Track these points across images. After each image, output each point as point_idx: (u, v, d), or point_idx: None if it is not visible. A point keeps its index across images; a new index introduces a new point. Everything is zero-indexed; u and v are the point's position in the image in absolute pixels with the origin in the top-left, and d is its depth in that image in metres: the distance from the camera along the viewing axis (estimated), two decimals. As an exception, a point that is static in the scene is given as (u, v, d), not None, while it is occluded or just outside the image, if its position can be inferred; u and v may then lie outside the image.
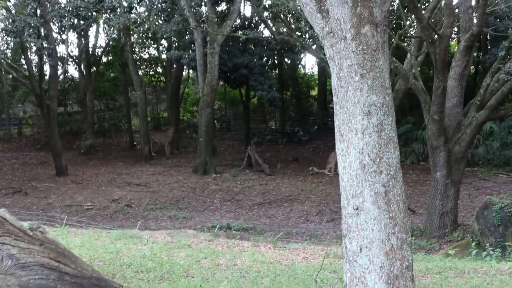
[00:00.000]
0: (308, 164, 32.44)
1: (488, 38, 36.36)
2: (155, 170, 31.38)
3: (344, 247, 6.21)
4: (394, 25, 31.20)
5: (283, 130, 40.57)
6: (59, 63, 34.01)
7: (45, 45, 28.57)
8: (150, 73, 45.73)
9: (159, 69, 45.56)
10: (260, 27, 33.87)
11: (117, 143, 42.06)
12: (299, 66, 45.80)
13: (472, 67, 40.75)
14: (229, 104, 46.20)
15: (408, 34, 22.92)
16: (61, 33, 33.64)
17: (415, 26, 22.97)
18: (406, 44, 23.77)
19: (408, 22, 22.98)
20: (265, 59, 34.44)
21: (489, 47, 36.18)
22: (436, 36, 16.70)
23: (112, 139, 43.02)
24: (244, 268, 10.25)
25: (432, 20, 19.08)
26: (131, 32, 34.76)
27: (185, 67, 37.13)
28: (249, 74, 30.85)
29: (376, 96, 6.05)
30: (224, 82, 36.19)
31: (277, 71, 42.00)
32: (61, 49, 36.52)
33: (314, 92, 46.27)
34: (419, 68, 21.72)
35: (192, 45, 30.92)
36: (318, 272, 8.21)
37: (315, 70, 45.98)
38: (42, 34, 30.05)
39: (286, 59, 41.31)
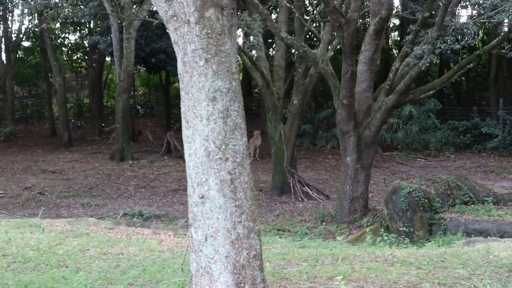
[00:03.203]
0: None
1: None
2: (73, 157, 30.89)
3: (191, 237, 6.06)
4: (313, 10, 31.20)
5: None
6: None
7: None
8: (73, 58, 44.99)
9: (83, 55, 44.83)
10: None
11: (39, 130, 41.40)
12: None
13: (395, 51, 41.19)
14: (153, 90, 45.74)
15: (319, 18, 22.82)
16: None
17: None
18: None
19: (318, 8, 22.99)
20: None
21: (410, 30, 36.44)
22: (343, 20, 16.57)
23: (34, 126, 42.31)
24: (126, 257, 10.05)
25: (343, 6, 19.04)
26: (51, 17, 34.02)
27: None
28: (167, 59, 30.48)
29: (221, 82, 5.89)
30: (144, 67, 35.73)
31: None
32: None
33: (238, 78, 46.06)
34: (332, 53, 21.74)
35: (109, 31, 30.43)
36: (183, 261, 8.05)
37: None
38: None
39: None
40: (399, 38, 41.13)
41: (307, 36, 30.16)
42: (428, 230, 15.59)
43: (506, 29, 18.69)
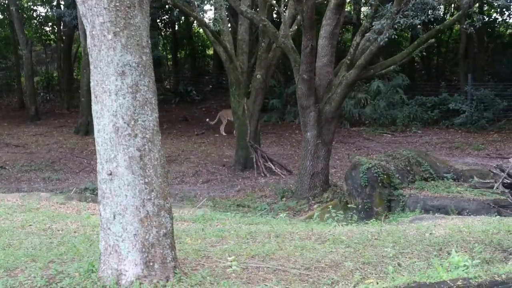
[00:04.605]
0: (198, 124, 32.20)
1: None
2: (38, 131, 30.55)
3: (99, 215, 5.94)
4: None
5: (176, 90, 39.97)
6: None
7: None
8: (43, 31, 44.42)
9: (52, 28, 44.24)
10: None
11: (8, 103, 41.00)
12: (194, 24, 44.89)
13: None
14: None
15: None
16: None
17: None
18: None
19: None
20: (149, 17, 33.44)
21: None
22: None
23: (4, 99, 41.92)
24: (65, 233, 9.90)
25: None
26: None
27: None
28: None
29: (131, 56, 5.75)
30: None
31: (170, 30, 41.37)
32: None
33: (210, 51, 45.64)
34: (296, 27, 21.50)
35: (75, 3, 29.90)
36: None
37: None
38: None
39: (182, 17, 40.44)
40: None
41: (275, 10, 29.90)
42: (387, 206, 15.56)
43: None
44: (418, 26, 18.05)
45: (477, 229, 9.00)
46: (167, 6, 31.51)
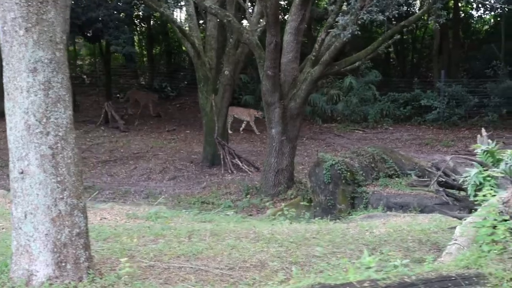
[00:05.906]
0: (170, 120, 32.05)
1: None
2: (8, 127, 30.16)
3: (11, 214, 5.82)
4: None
5: (150, 86, 39.70)
6: None
7: None
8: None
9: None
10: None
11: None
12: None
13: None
14: (99, 59, 44.93)
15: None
16: None
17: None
18: None
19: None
20: (122, 13, 32.87)
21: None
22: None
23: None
24: (5, 232, 9.75)
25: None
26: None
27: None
28: (104, 28, 29.52)
29: (43, 52, 5.63)
30: (81, 36, 34.63)
31: (145, 26, 41.14)
32: None
33: (186, 47, 45.46)
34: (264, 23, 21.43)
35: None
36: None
37: (189, 24, 44.96)
38: None
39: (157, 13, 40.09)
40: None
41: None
42: (350, 203, 15.53)
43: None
44: (393, 22, 18.04)
45: (418, 227, 8.95)
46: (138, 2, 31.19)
